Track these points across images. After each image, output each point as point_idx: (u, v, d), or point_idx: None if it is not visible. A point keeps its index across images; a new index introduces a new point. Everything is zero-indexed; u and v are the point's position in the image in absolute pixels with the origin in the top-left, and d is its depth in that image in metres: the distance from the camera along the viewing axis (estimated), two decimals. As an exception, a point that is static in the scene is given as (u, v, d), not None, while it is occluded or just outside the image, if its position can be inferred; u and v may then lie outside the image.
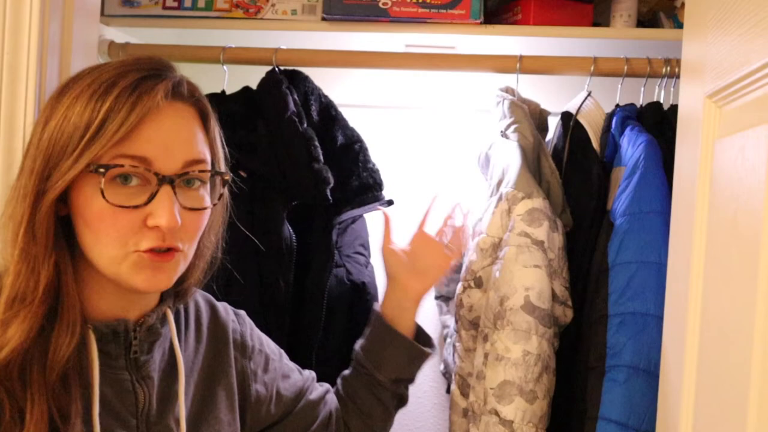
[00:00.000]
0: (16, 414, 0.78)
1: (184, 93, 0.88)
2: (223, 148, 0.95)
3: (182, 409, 0.94)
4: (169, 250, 0.85)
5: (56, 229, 0.83)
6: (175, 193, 0.83)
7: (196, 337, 1.04)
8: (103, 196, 0.80)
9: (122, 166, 0.81)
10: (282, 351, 1.21)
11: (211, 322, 1.07)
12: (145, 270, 0.84)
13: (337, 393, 1.26)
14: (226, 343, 1.07)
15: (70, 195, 0.83)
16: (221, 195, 0.94)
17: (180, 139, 0.85)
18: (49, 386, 0.80)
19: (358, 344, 1.26)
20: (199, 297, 1.09)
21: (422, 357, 1.25)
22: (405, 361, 1.23)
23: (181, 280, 0.94)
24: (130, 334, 0.89)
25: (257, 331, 1.16)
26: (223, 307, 1.12)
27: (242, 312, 1.16)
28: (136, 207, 0.82)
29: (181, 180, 0.85)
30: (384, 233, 1.29)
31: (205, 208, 0.89)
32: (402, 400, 1.27)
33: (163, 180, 0.82)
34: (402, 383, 1.25)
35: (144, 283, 0.85)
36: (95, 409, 0.84)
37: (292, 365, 1.21)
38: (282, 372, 1.16)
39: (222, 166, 0.94)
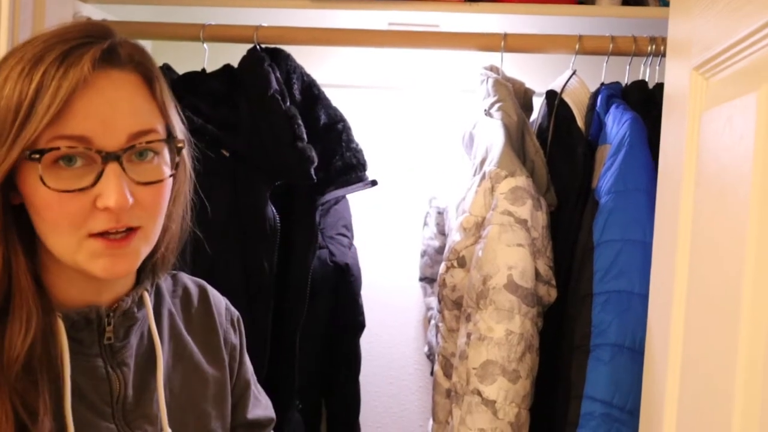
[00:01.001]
0: None
1: (121, 58, 0.80)
2: (179, 113, 0.88)
3: (161, 396, 0.89)
4: (127, 233, 0.80)
5: (6, 219, 0.78)
6: (124, 170, 0.77)
7: (186, 322, 0.99)
8: (44, 183, 0.75)
9: (58, 148, 0.75)
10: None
11: (201, 308, 1.02)
12: (103, 258, 0.79)
13: None
14: (217, 336, 1.02)
15: (18, 182, 0.78)
16: (178, 163, 0.86)
17: (119, 110, 0.78)
18: (10, 384, 0.76)
19: None
20: (189, 281, 1.04)
21: None
22: None
23: (150, 256, 0.88)
24: (103, 320, 0.85)
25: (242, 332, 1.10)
26: (219, 298, 1.07)
27: (237, 314, 1.10)
28: (82, 190, 0.76)
29: (130, 154, 0.79)
30: None
31: (161, 180, 0.82)
32: None
33: (108, 157, 0.76)
34: None
35: (104, 271, 0.80)
36: (67, 401, 0.80)
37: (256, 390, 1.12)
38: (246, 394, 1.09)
39: (177, 132, 0.87)
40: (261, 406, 1.09)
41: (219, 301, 1.06)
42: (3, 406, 0.74)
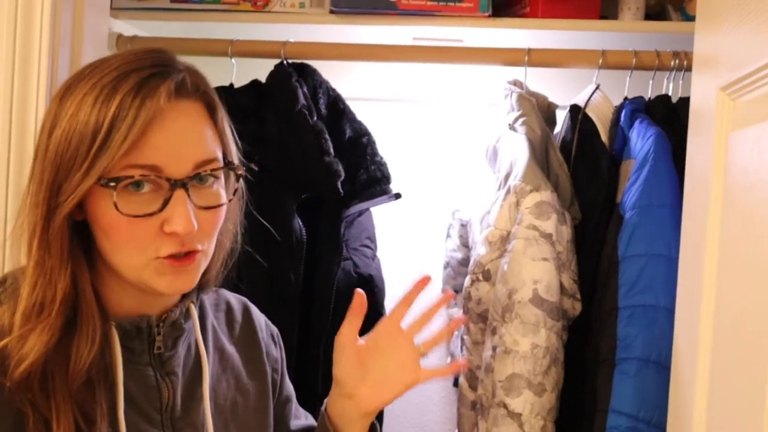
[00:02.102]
0: (41, 424, 0.77)
1: (189, 89, 0.84)
2: (234, 138, 0.92)
3: (207, 406, 0.92)
4: (189, 254, 0.83)
5: (72, 238, 0.81)
6: (188, 196, 0.81)
7: (229, 336, 1.03)
8: (117, 209, 0.78)
9: (132, 177, 0.78)
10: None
11: (243, 323, 1.06)
12: (167, 275, 0.83)
13: None
14: (259, 349, 1.05)
15: (85, 202, 0.81)
16: (236, 189, 0.91)
17: (188, 141, 0.82)
18: (72, 394, 0.79)
19: None
20: (231, 297, 1.07)
21: None
22: None
23: (203, 273, 0.92)
24: (153, 329, 0.88)
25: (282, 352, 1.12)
26: (259, 314, 1.10)
27: (276, 330, 1.13)
28: (150, 215, 0.80)
29: (192, 182, 0.82)
30: (348, 319, 1.00)
31: (221, 205, 0.86)
32: None
33: (176, 185, 0.80)
34: None
35: (167, 287, 0.84)
36: (120, 407, 0.83)
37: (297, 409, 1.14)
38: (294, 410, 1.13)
39: (234, 158, 0.91)
40: (302, 416, 1.12)
41: (259, 317, 1.10)
42: (65, 414, 0.78)
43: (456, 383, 1.71)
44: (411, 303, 1.01)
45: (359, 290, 1.01)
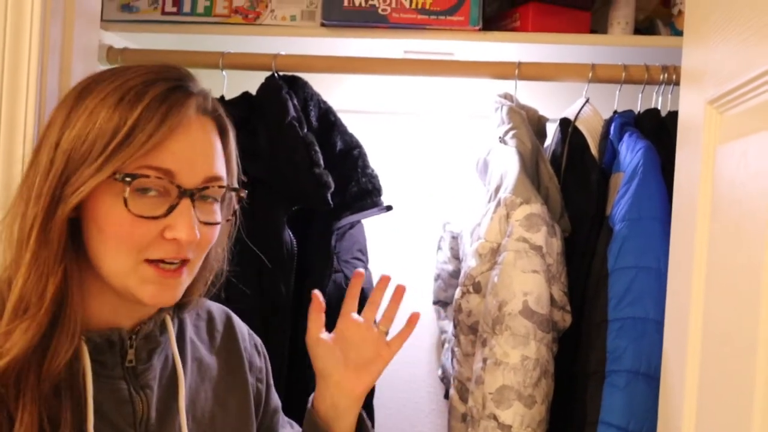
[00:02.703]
0: (5, 420, 0.77)
1: (209, 108, 0.87)
2: (238, 165, 0.95)
3: (183, 420, 0.91)
4: (180, 265, 0.84)
5: (68, 233, 0.81)
6: (194, 207, 0.83)
7: (209, 347, 1.02)
8: (126, 206, 0.79)
9: (148, 176, 0.80)
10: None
11: (225, 333, 1.05)
12: (153, 285, 0.83)
13: None
14: (241, 360, 1.05)
15: (84, 200, 0.81)
16: (235, 211, 0.94)
17: (203, 153, 0.85)
18: (42, 394, 0.78)
19: None
20: (213, 306, 1.07)
21: None
22: None
23: (186, 292, 0.92)
24: (125, 342, 0.88)
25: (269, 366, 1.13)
26: (241, 324, 1.10)
27: (259, 340, 1.13)
28: (155, 218, 0.81)
29: (200, 194, 0.84)
30: (312, 318, 1.09)
31: (218, 223, 0.88)
32: None
33: (184, 193, 0.82)
34: None
35: (151, 298, 0.84)
36: (90, 421, 0.82)
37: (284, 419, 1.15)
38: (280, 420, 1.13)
39: (235, 182, 0.93)
40: (287, 425, 1.13)
41: (242, 326, 1.09)
42: (31, 414, 0.77)
43: (446, 395, 1.71)
44: (356, 299, 1.12)
45: (316, 291, 1.11)
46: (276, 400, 1.11)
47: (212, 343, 1.03)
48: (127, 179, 0.79)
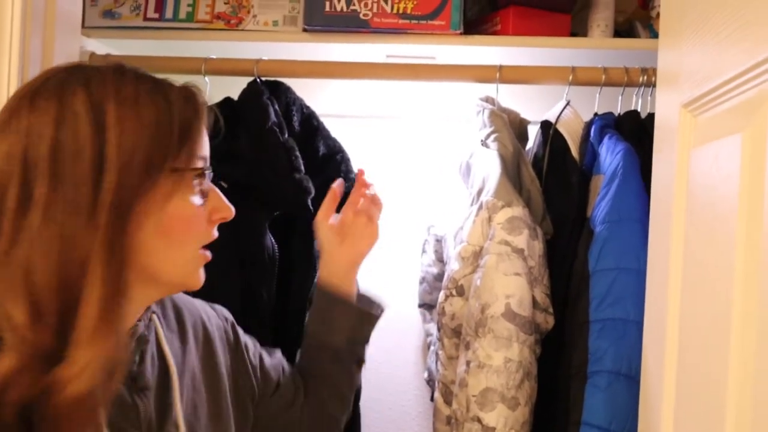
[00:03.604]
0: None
1: None
2: None
3: (179, 412, 0.91)
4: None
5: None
6: None
7: (181, 338, 1.01)
8: (191, 199, 0.83)
9: (209, 168, 0.85)
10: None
11: (192, 320, 1.04)
12: (200, 269, 0.88)
13: (300, 369, 1.24)
14: (211, 341, 1.05)
15: (141, 204, 0.79)
16: None
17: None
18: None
19: (307, 320, 1.25)
20: (166, 297, 1.04)
21: (371, 319, 1.24)
22: (355, 323, 1.22)
23: None
24: None
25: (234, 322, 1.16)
26: (201, 304, 1.09)
27: (218, 306, 1.14)
28: (203, 205, 0.85)
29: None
30: (324, 204, 1.25)
31: None
32: (360, 362, 1.25)
33: (206, 176, 0.86)
34: (357, 344, 1.24)
35: (200, 280, 0.88)
36: None
37: (262, 349, 1.20)
38: (262, 356, 1.17)
39: None
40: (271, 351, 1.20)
41: (191, 302, 1.08)
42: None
43: (433, 398, 1.71)
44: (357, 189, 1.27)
45: (336, 185, 1.27)
46: (252, 347, 1.15)
47: (183, 332, 1.01)
48: (196, 172, 0.82)
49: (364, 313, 1.23)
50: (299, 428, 1.18)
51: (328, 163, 1.52)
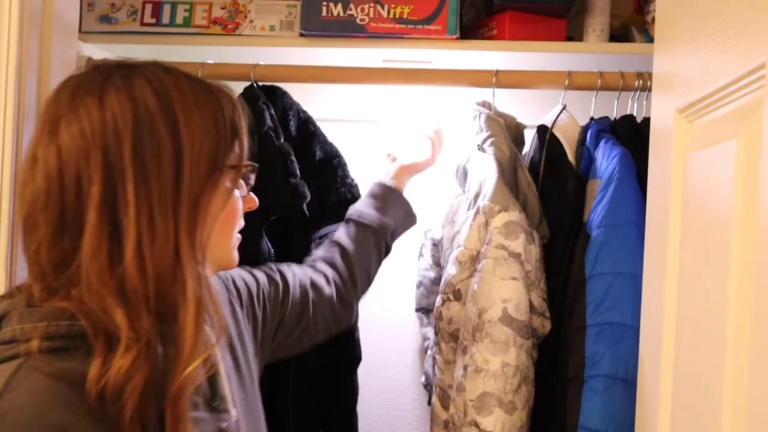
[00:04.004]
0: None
1: None
2: None
3: (223, 377, 0.94)
4: None
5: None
6: None
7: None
8: (249, 191, 0.94)
9: (252, 161, 0.92)
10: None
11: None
12: (236, 249, 0.95)
13: (338, 246, 1.37)
14: (234, 310, 1.10)
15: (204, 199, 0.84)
16: None
17: None
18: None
19: (355, 206, 1.43)
20: None
21: (412, 219, 1.49)
22: (403, 216, 1.45)
23: None
24: None
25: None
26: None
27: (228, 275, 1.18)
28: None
29: None
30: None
31: None
32: (388, 251, 1.46)
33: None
34: (395, 235, 1.45)
35: (237, 260, 0.96)
36: None
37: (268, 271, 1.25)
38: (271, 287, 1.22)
39: None
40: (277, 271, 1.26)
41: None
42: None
43: (430, 402, 1.71)
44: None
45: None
46: (261, 278, 1.21)
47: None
48: (248, 169, 0.91)
49: (411, 212, 1.47)
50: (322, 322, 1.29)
51: (325, 167, 1.53)
